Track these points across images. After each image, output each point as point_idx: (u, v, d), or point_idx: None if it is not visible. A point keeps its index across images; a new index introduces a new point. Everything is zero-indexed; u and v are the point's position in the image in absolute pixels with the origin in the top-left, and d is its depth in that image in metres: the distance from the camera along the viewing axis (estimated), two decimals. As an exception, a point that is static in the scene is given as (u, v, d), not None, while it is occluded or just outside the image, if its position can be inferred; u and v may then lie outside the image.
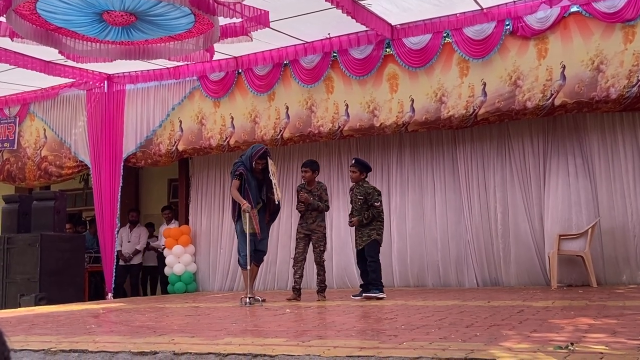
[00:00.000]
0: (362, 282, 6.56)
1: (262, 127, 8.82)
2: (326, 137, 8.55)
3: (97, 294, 9.88)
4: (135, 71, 9.36)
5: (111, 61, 7.87)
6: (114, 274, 9.35)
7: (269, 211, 6.74)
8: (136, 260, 10.21)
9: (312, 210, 6.60)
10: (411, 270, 8.33)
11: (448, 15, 7.54)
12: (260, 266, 7.14)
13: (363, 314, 5.09)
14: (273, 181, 6.47)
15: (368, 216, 6.35)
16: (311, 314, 5.35)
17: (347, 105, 8.28)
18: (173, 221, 10.15)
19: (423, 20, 7.66)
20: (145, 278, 10.66)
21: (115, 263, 9.42)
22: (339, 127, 8.33)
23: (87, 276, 9.64)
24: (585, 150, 7.63)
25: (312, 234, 6.60)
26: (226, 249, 9.59)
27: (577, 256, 7.18)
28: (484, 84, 7.51)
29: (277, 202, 6.50)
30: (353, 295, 6.50)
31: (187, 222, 9.92)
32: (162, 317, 5.51)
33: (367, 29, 7.66)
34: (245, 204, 6.34)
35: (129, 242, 10.22)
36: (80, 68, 8.94)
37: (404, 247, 8.39)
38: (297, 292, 6.64)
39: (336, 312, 5.41)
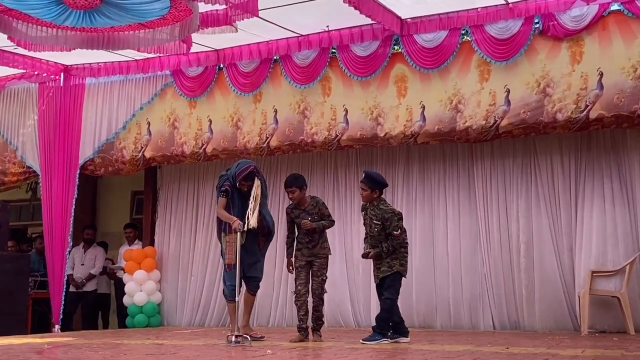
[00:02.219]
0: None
1: (245, 133, 8.85)
2: (321, 147, 8.58)
3: (42, 326, 9.82)
4: (98, 63, 9.38)
5: (69, 50, 7.89)
6: (63, 302, 9.30)
7: (261, 233, 6.75)
8: (90, 287, 10.15)
9: (314, 233, 6.54)
10: (417, 308, 8.34)
11: (468, 10, 7.62)
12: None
13: (356, 358, 5.08)
14: (250, 205, 6.47)
15: (388, 248, 6.18)
16: (296, 357, 5.34)
17: (346, 111, 8.32)
18: (136, 241, 10.12)
19: (438, 14, 7.74)
20: (97, 308, 10.57)
21: (65, 289, 9.37)
22: (337, 135, 8.36)
23: (31, 304, 9.58)
24: (624, 172, 7.68)
25: (315, 259, 6.56)
26: (197, 276, 9.56)
27: (613, 297, 7.21)
28: (508, 91, 7.58)
29: (252, 228, 6.49)
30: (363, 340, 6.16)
31: (152, 243, 9.90)
32: (119, 355, 5.49)
33: (373, 22, 7.72)
34: (235, 222, 6.37)
35: (82, 264, 10.17)
36: (32, 57, 8.95)
37: (409, 280, 8.34)
38: (303, 331, 6.54)
39: (326, 355, 5.39)
